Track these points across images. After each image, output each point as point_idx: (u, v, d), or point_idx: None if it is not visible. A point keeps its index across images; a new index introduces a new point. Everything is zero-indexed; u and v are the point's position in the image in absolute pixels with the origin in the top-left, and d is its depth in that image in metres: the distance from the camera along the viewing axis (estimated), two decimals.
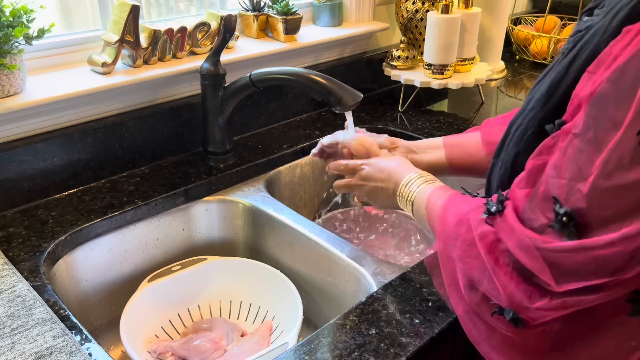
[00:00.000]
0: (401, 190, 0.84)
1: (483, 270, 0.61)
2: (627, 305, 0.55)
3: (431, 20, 1.35)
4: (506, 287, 0.59)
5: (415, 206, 0.81)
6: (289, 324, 0.94)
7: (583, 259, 0.52)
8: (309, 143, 1.28)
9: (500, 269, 0.59)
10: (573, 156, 0.53)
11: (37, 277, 0.84)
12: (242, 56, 1.24)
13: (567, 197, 0.53)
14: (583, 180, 0.52)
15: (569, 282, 0.53)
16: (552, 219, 0.54)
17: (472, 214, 0.65)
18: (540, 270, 0.55)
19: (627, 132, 0.48)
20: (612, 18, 0.56)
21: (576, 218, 0.52)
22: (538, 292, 0.57)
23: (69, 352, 0.70)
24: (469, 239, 0.64)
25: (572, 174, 0.53)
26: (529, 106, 0.66)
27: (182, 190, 1.08)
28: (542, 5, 1.99)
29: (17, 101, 0.96)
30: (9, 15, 0.93)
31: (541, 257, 0.55)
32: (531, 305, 0.57)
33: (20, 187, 1.00)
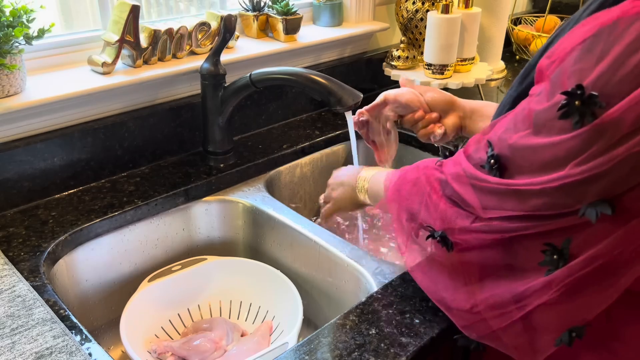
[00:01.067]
0: (359, 183, 0.94)
1: (420, 200, 0.73)
2: (541, 255, 0.62)
3: (431, 20, 1.35)
4: (437, 209, 0.70)
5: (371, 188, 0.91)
6: (289, 324, 0.94)
7: (500, 189, 0.62)
8: (309, 143, 1.28)
9: (435, 194, 0.71)
10: (517, 113, 0.63)
11: (37, 277, 0.84)
12: (242, 56, 1.24)
13: (499, 144, 0.64)
14: (513, 133, 0.62)
15: (491, 210, 0.63)
16: (484, 160, 0.65)
17: (421, 163, 0.77)
18: (469, 195, 0.66)
19: (553, 105, 0.57)
20: (583, 11, 0.62)
21: (500, 161, 0.63)
22: (464, 214, 0.67)
23: (69, 352, 0.70)
24: (414, 178, 0.76)
25: (509, 125, 0.64)
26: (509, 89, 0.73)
27: (182, 190, 1.08)
28: (542, 5, 1.99)
29: (17, 101, 0.96)
30: (9, 15, 0.93)
31: (470, 184, 0.66)
32: (456, 226, 0.67)
33: (20, 187, 1.00)
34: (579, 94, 0.54)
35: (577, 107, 0.54)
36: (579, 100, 0.54)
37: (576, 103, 0.54)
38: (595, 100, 0.53)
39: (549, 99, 0.58)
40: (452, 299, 0.71)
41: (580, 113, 0.54)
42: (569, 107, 0.55)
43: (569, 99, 0.55)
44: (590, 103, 0.53)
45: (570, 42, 0.58)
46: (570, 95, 0.55)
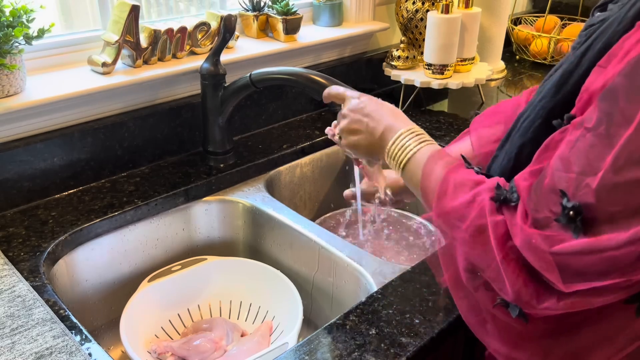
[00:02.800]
0: (391, 148, 0.75)
1: (488, 258, 0.59)
2: None
3: (431, 20, 1.35)
4: (514, 284, 0.57)
5: (408, 171, 0.73)
6: (289, 324, 0.94)
7: (592, 260, 0.51)
8: (309, 143, 1.28)
9: (509, 264, 0.57)
10: (583, 150, 0.52)
11: (37, 277, 0.84)
12: (242, 56, 1.24)
13: (575, 192, 0.52)
14: (593, 175, 0.51)
15: (577, 282, 0.52)
16: (558, 213, 0.53)
17: (484, 195, 0.61)
18: (548, 270, 0.54)
19: (638, 128, 0.48)
20: (628, 10, 0.55)
21: (584, 213, 0.51)
22: (546, 292, 0.55)
23: (69, 352, 0.70)
24: (480, 225, 0.60)
25: (581, 167, 0.52)
26: (538, 97, 0.64)
27: (182, 190, 1.08)
28: (542, 5, 1.99)
29: (17, 101, 0.96)
30: (9, 15, 0.93)
31: (549, 257, 0.53)
32: (539, 306, 0.56)
33: (20, 187, 1.00)
34: None
35: None
36: None
37: None
38: None
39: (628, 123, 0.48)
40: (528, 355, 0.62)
41: None
42: None
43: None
44: None
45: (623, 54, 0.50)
46: None
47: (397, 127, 0.75)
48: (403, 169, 0.73)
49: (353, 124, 0.80)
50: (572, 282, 0.52)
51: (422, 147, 0.73)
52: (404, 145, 0.73)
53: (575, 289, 0.52)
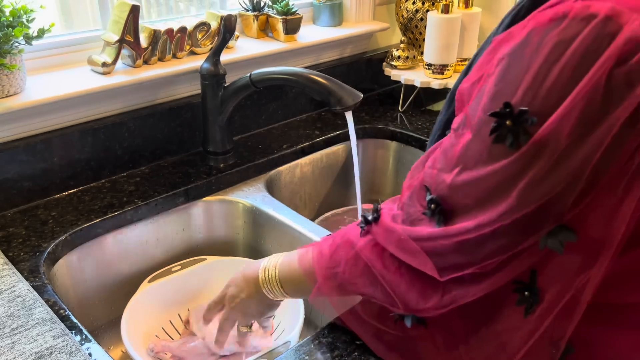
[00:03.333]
0: (262, 276, 0.76)
1: (373, 281, 0.64)
2: (514, 295, 0.58)
3: (431, 20, 1.35)
4: (398, 292, 0.62)
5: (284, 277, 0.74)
6: (290, 324, 0.94)
7: (449, 244, 0.56)
8: (309, 143, 1.28)
9: (389, 273, 0.63)
10: (445, 149, 0.58)
11: (37, 277, 0.84)
12: (242, 56, 1.24)
13: (436, 187, 0.58)
14: (448, 172, 0.57)
15: (449, 272, 0.58)
16: (425, 207, 0.59)
17: (349, 234, 0.68)
18: (423, 263, 0.59)
19: (481, 131, 0.53)
20: (499, 27, 0.60)
21: (442, 205, 0.57)
22: (430, 291, 0.60)
23: (69, 352, 0.70)
24: (352, 257, 0.66)
25: (441, 164, 0.58)
26: (439, 114, 0.70)
27: (182, 190, 1.08)
28: None
29: (17, 101, 0.96)
30: (9, 15, 0.93)
31: (418, 248, 0.59)
32: (426, 306, 0.61)
33: (20, 187, 1.00)
34: (508, 112, 0.51)
35: (509, 127, 0.51)
36: (510, 120, 0.51)
37: (507, 123, 0.51)
38: (526, 116, 0.50)
39: (473, 130, 0.55)
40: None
41: (513, 133, 0.51)
42: (501, 128, 0.51)
43: (499, 120, 0.51)
44: (521, 120, 0.50)
45: (486, 63, 0.55)
46: (499, 116, 0.51)
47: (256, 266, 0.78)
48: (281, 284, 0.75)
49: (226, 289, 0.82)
50: (445, 272, 0.58)
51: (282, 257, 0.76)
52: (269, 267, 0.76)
53: (450, 277, 0.58)
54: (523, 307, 0.57)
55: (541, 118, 0.49)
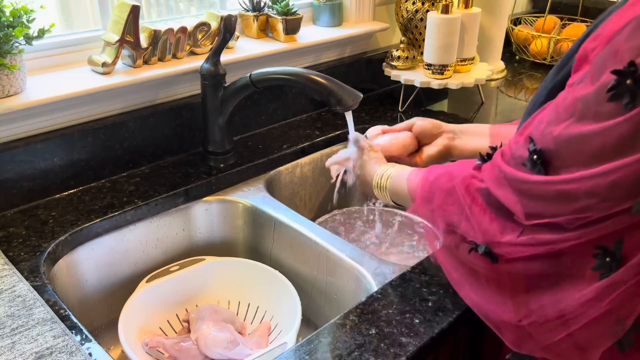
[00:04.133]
0: (377, 181, 0.92)
1: (460, 212, 0.69)
2: (592, 260, 0.57)
3: (431, 20, 1.35)
4: (480, 223, 0.66)
5: (392, 188, 0.89)
6: (287, 324, 0.94)
7: (546, 191, 0.58)
8: (309, 143, 1.28)
9: (476, 206, 0.67)
10: (558, 103, 0.59)
11: (37, 277, 0.84)
12: (242, 56, 1.24)
13: (541, 138, 0.59)
14: (556, 125, 0.57)
15: (535, 218, 0.59)
16: (527, 158, 0.60)
17: (453, 167, 0.74)
18: (513, 203, 0.61)
19: (599, 87, 0.53)
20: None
21: (544, 157, 0.58)
22: (509, 227, 0.63)
23: (69, 352, 0.70)
24: (448, 188, 0.71)
25: (551, 117, 0.59)
26: (544, 80, 0.69)
27: (182, 190, 1.08)
28: (542, 5, 1.99)
29: (17, 101, 0.96)
30: (9, 16, 0.93)
31: (510, 188, 0.61)
32: (502, 240, 0.63)
33: (20, 187, 1.01)
34: (631, 72, 0.50)
35: (629, 87, 0.50)
36: (632, 79, 0.50)
37: (627, 82, 0.50)
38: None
39: (593, 82, 0.54)
40: (499, 313, 0.67)
41: (631, 93, 0.50)
42: (620, 86, 0.51)
43: (619, 78, 0.51)
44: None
45: (618, 22, 0.54)
46: (621, 75, 0.50)
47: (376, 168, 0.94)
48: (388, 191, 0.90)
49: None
50: (532, 217, 0.60)
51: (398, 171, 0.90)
52: (384, 175, 0.91)
53: (534, 223, 0.60)
54: (598, 273, 0.57)
55: None
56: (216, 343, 0.91)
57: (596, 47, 0.55)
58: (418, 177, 0.81)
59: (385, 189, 0.90)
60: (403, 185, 0.86)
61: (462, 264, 0.70)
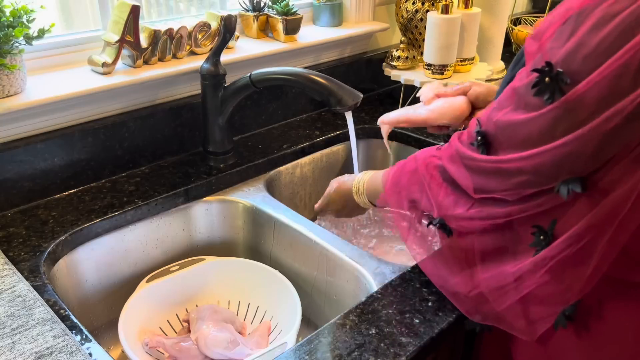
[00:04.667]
0: (355, 188, 0.96)
1: (421, 189, 0.77)
2: (531, 237, 0.65)
3: (431, 20, 1.35)
4: (437, 197, 0.74)
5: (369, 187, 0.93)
6: (287, 324, 0.94)
7: (487, 168, 0.66)
8: (309, 143, 1.28)
9: (434, 183, 0.75)
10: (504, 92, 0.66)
11: (37, 277, 0.84)
12: (242, 56, 1.24)
13: (486, 122, 0.67)
14: (499, 111, 0.65)
15: (481, 192, 0.68)
16: (474, 138, 0.68)
17: (419, 153, 0.81)
18: (462, 177, 0.69)
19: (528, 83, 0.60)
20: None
21: (486, 138, 0.66)
22: (462, 201, 0.70)
23: (69, 352, 0.70)
24: (412, 169, 0.79)
25: (497, 104, 0.67)
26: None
27: (182, 190, 1.08)
28: (542, 5, 1.99)
29: (17, 101, 0.96)
30: (9, 16, 0.93)
31: (462, 164, 0.69)
32: (454, 212, 0.71)
33: (20, 187, 1.01)
34: (548, 71, 0.57)
35: (548, 84, 0.57)
36: (549, 77, 0.57)
37: (546, 80, 0.57)
38: (562, 76, 0.56)
39: (527, 76, 0.61)
40: (455, 283, 0.75)
41: (550, 90, 0.57)
42: (541, 84, 0.58)
43: (540, 76, 0.58)
44: (557, 80, 0.56)
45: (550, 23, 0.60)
46: (541, 72, 0.58)
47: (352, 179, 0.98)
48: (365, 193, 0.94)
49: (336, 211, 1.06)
50: (479, 192, 0.68)
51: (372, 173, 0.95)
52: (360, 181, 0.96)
53: (481, 197, 0.68)
54: (534, 249, 0.64)
55: (575, 81, 0.55)
56: (216, 343, 0.91)
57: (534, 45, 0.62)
58: (391, 170, 0.86)
59: (363, 192, 0.94)
60: (379, 182, 0.91)
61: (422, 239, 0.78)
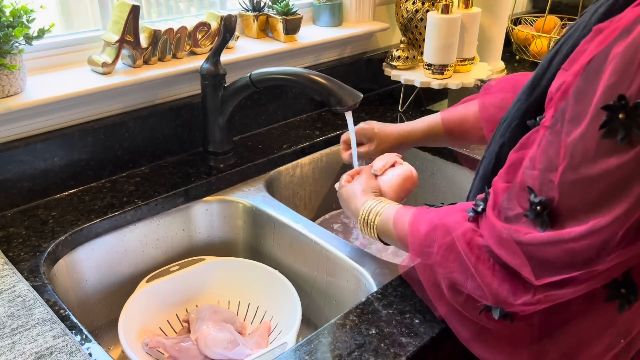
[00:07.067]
0: (362, 217, 0.84)
1: (465, 271, 0.63)
2: (604, 291, 0.56)
3: (431, 20, 1.35)
4: (490, 286, 0.61)
5: (381, 228, 0.81)
6: (287, 324, 0.94)
7: (557, 251, 0.54)
8: (309, 143, 1.28)
9: (483, 266, 0.62)
10: (545, 148, 0.56)
11: (37, 277, 0.84)
12: (242, 56, 1.24)
13: (541, 187, 0.56)
14: (554, 171, 0.54)
15: (546, 275, 0.56)
16: (527, 209, 0.57)
17: (446, 218, 0.68)
18: (520, 265, 0.57)
19: (589, 126, 0.51)
20: (592, 14, 0.58)
21: (549, 207, 0.55)
22: (521, 288, 0.59)
23: (69, 352, 0.70)
24: (447, 243, 0.66)
25: (544, 164, 0.56)
26: (516, 100, 0.68)
27: (182, 190, 1.08)
28: (542, 5, 1.99)
29: (17, 101, 0.96)
30: (9, 16, 0.93)
31: (520, 251, 0.57)
32: (516, 302, 0.59)
33: (20, 187, 1.00)
34: (622, 105, 0.48)
35: (622, 121, 0.48)
36: (623, 113, 0.48)
37: (620, 116, 0.48)
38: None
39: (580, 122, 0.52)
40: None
41: (625, 127, 0.48)
42: (613, 122, 0.49)
43: (610, 113, 0.49)
44: (636, 114, 0.48)
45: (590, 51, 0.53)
46: (611, 110, 0.49)
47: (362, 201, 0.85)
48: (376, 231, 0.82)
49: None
50: (542, 275, 0.56)
51: (387, 208, 0.82)
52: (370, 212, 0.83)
53: (546, 282, 0.56)
54: (616, 303, 0.56)
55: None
56: (216, 343, 0.91)
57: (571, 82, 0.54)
58: (406, 223, 0.75)
59: (374, 227, 0.82)
60: (390, 226, 0.79)
61: (471, 322, 0.66)
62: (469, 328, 0.67)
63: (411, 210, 0.77)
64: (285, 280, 0.99)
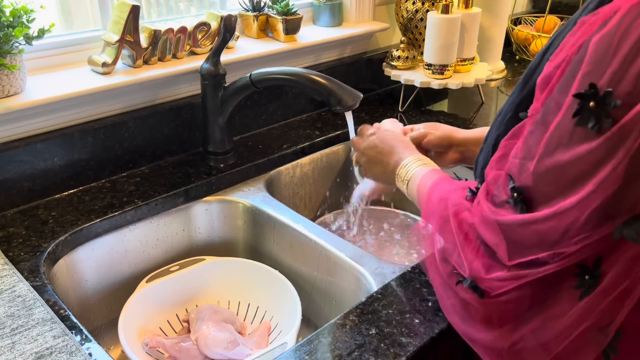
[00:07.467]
0: (400, 170, 0.89)
1: (454, 244, 0.68)
2: (573, 278, 0.58)
3: (431, 20, 1.35)
4: (469, 258, 0.66)
5: (410, 186, 0.87)
6: (287, 324, 0.94)
7: (526, 232, 0.57)
8: (309, 143, 1.28)
9: (468, 245, 0.66)
10: (526, 137, 0.59)
11: (37, 277, 0.84)
12: (242, 56, 1.24)
13: (519, 175, 0.59)
14: (531, 159, 0.57)
15: (517, 257, 0.59)
16: (509, 195, 0.60)
17: (451, 194, 0.74)
18: (497, 244, 0.61)
19: (565, 115, 0.53)
20: (583, 10, 0.59)
21: (524, 194, 0.58)
22: (496, 266, 0.62)
23: (69, 352, 0.70)
24: (445, 216, 0.71)
25: (524, 153, 0.59)
26: (511, 93, 0.71)
27: (182, 190, 1.08)
28: (542, 5, 1.99)
29: (17, 101, 0.96)
30: (9, 16, 0.93)
31: (499, 230, 0.61)
32: (487, 276, 0.63)
33: (20, 187, 1.01)
34: (592, 94, 0.50)
35: (592, 109, 0.50)
36: (593, 101, 0.50)
37: (590, 105, 0.50)
38: (611, 99, 0.49)
39: (558, 110, 0.54)
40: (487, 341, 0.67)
41: (596, 115, 0.50)
42: (583, 110, 0.51)
43: (582, 101, 0.51)
44: (605, 103, 0.49)
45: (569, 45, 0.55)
46: (583, 98, 0.51)
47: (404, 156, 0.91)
48: (407, 186, 0.88)
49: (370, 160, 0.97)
50: (514, 256, 0.60)
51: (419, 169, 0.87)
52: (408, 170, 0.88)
53: (516, 262, 0.59)
54: (579, 291, 0.57)
55: (626, 102, 0.49)
56: (216, 343, 0.91)
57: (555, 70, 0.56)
58: (426, 189, 0.81)
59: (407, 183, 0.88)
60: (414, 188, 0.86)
61: (453, 293, 0.70)
62: (450, 299, 0.71)
63: (434, 177, 0.82)
64: (285, 280, 0.99)
